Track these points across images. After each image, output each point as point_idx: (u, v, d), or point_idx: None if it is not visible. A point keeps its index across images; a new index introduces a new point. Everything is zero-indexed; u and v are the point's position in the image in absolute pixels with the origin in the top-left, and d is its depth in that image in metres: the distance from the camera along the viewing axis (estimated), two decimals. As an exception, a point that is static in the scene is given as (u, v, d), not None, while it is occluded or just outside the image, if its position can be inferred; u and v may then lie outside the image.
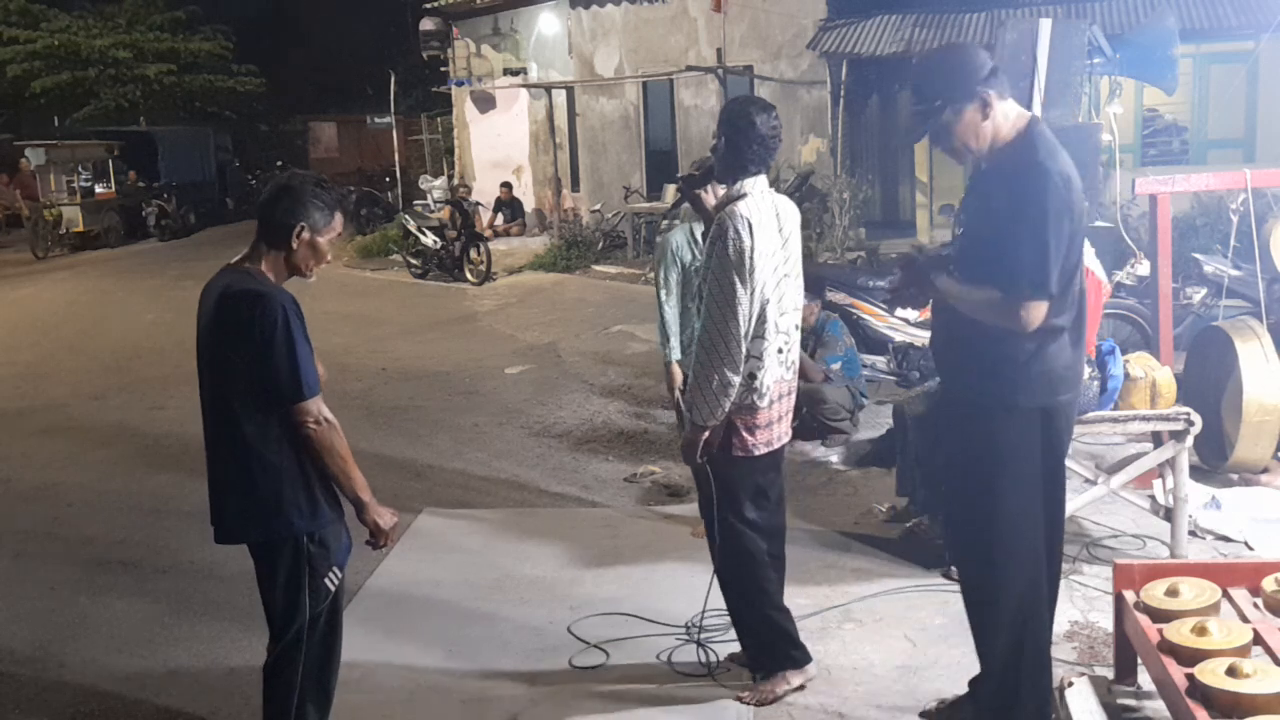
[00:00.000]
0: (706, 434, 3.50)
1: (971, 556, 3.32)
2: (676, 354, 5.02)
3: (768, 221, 3.47)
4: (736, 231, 3.38)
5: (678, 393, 4.90)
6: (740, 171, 3.50)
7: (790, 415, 3.72)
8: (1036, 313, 2.92)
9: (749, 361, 3.47)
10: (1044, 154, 2.97)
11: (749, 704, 3.68)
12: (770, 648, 3.73)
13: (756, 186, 3.50)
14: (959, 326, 3.15)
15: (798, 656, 3.73)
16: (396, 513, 3.24)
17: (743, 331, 3.41)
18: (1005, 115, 3.04)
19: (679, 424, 5.42)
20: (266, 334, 2.88)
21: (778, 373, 3.56)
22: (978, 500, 3.18)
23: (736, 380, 3.44)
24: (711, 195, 3.88)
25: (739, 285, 3.37)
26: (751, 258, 3.38)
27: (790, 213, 3.61)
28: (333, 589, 3.15)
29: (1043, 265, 2.89)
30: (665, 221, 10.97)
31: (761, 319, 3.46)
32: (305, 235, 3.01)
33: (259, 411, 2.95)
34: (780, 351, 3.55)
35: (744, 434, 3.54)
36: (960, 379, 3.25)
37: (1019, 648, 3.19)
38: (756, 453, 3.57)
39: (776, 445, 3.63)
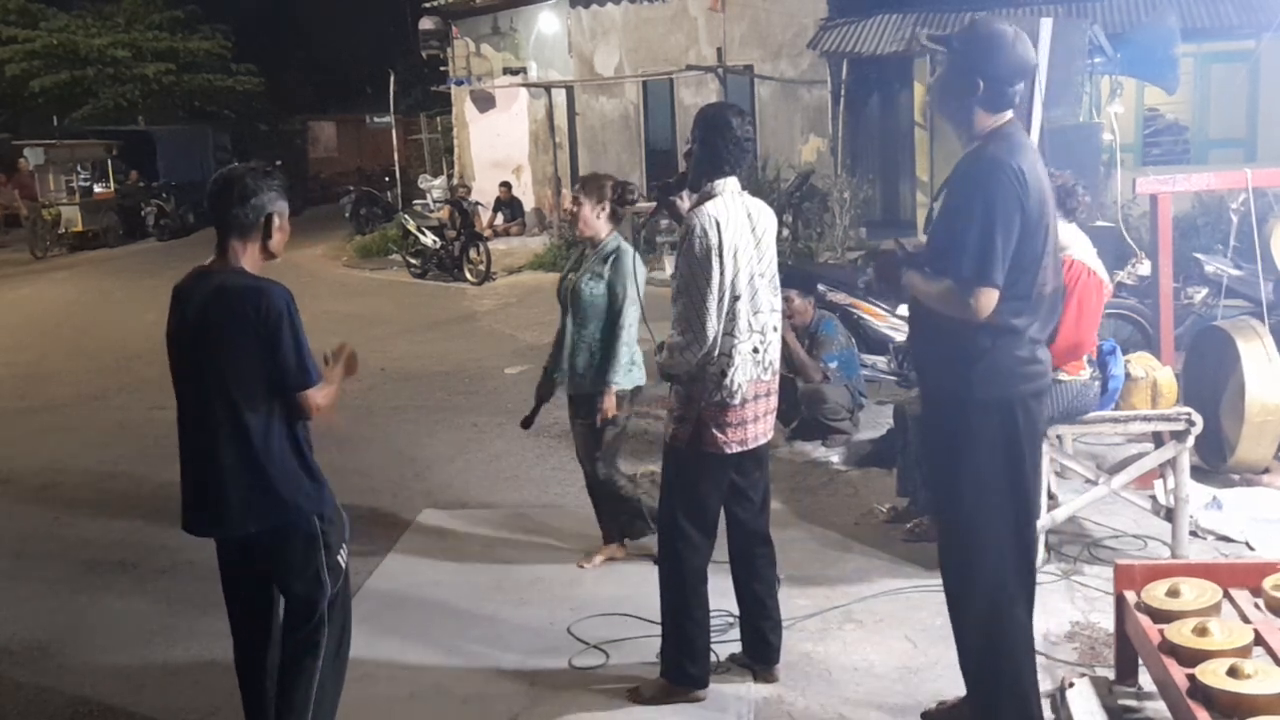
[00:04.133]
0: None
1: (944, 549, 3.32)
2: (618, 376, 4.65)
3: (738, 221, 3.52)
4: (703, 229, 3.45)
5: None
6: (714, 172, 3.57)
7: (771, 416, 3.72)
8: (985, 301, 2.95)
9: (719, 359, 3.50)
10: (1002, 150, 3.03)
11: (628, 698, 3.74)
12: (673, 653, 3.72)
13: (727, 187, 3.57)
14: (927, 322, 3.21)
15: (694, 674, 3.70)
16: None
17: (710, 327, 3.45)
18: (984, 118, 3.08)
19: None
20: (273, 326, 2.97)
21: (753, 373, 3.56)
22: (945, 493, 3.21)
23: (699, 349, 3.46)
24: (686, 201, 3.89)
25: (704, 282, 3.44)
26: (720, 256, 3.44)
27: (765, 215, 3.66)
28: (344, 565, 3.21)
29: (987, 254, 2.94)
30: (664, 223, 10.99)
31: (732, 317, 3.50)
32: (278, 222, 3.12)
33: (262, 402, 3.02)
34: (755, 351, 3.57)
35: (714, 431, 3.54)
36: (927, 373, 3.33)
37: (995, 651, 3.15)
38: (729, 451, 3.58)
39: (752, 445, 3.63)
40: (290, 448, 3.07)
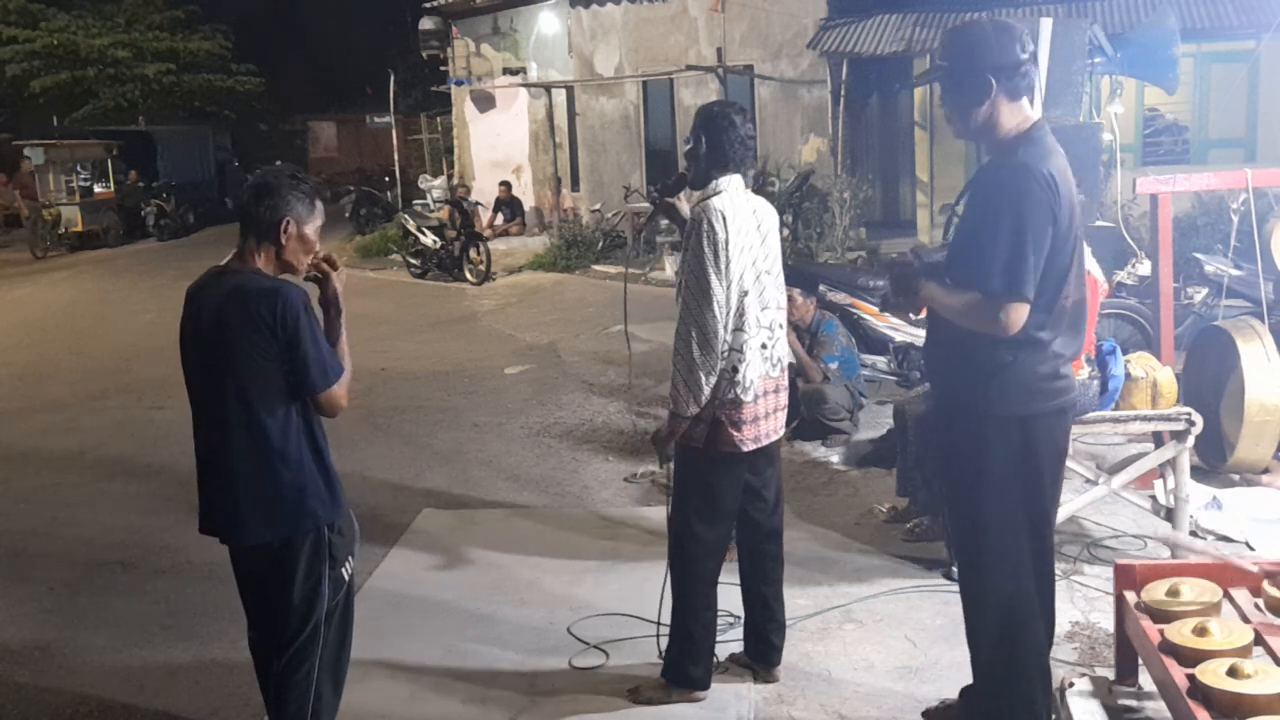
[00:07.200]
0: (684, 426, 3.52)
1: (961, 560, 3.29)
2: None
3: (744, 216, 3.52)
4: (710, 224, 3.44)
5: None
6: (718, 170, 3.57)
7: (782, 413, 3.72)
8: (1015, 315, 2.85)
9: (730, 354, 3.49)
10: (1033, 155, 2.90)
11: (628, 698, 3.74)
12: (676, 654, 3.72)
13: (732, 184, 3.56)
14: (945, 331, 3.11)
15: (696, 676, 3.70)
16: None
17: (720, 323, 3.44)
18: (1010, 113, 2.98)
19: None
20: (291, 328, 2.93)
21: (762, 368, 3.56)
22: (961, 504, 3.15)
23: (714, 371, 3.45)
24: (685, 203, 3.88)
25: (714, 276, 3.42)
26: (726, 249, 3.43)
27: (767, 212, 3.66)
28: (347, 578, 3.17)
29: (1019, 266, 2.83)
30: (664, 222, 10.98)
31: (741, 312, 3.49)
32: (292, 229, 3.02)
33: (280, 404, 2.98)
34: (764, 347, 3.56)
35: (730, 429, 3.53)
36: (943, 383, 3.25)
37: (1008, 657, 3.12)
38: (745, 449, 3.56)
39: (765, 441, 3.63)
40: (310, 450, 3.03)
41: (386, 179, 24.59)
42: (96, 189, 22.10)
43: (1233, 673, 2.71)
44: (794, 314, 6.64)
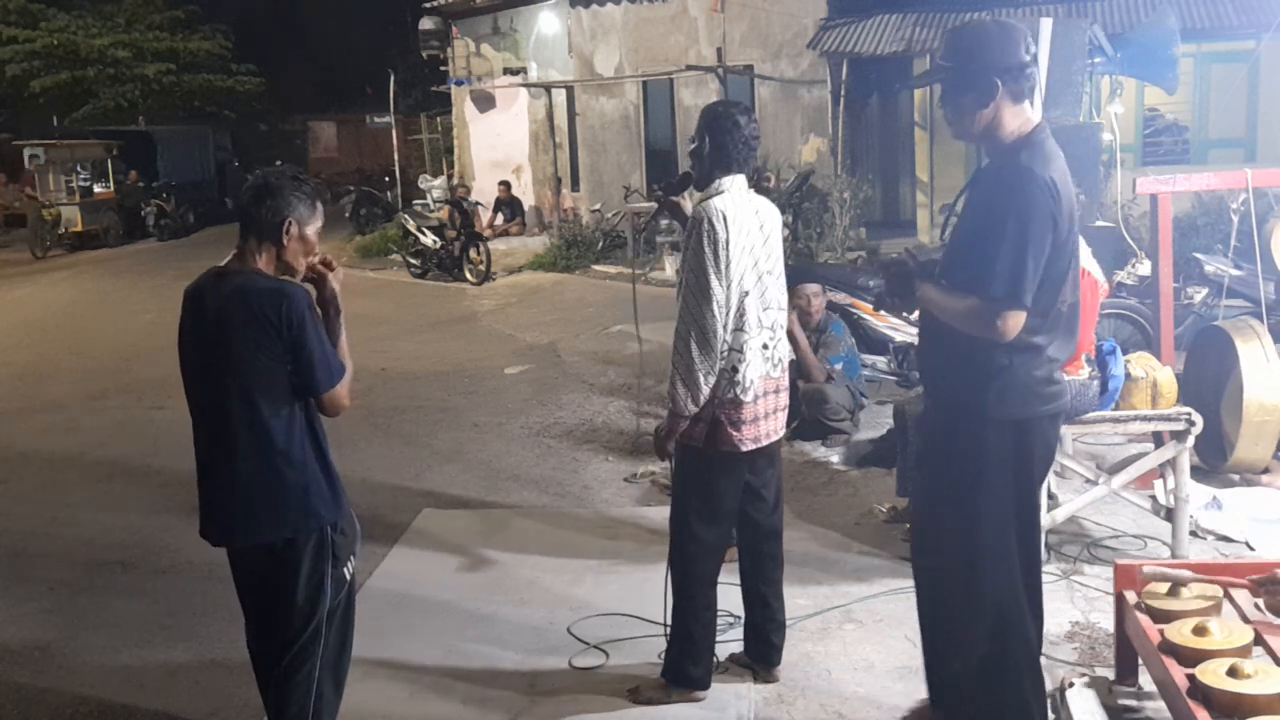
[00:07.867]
0: (684, 424, 3.52)
1: (960, 560, 3.21)
2: None
3: (745, 216, 3.51)
4: (711, 224, 3.44)
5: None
6: (721, 170, 3.56)
7: (782, 413, 3.71)
8: (1013, 323, 2.85)
9: (730, 354, 3.49)
10: (1036, 160, 2.88)
11: (628, 698, 3.73)
12: (676, 654, 3.72)
13: (735, 184, 3.56)
14: (939, 333, 3.10)
15: (696, 676, 3.70)
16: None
17: (720, 322, 3.44)
18: (1013, 116, 2.96)
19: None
20: (296, 330, 2.93)
21: (762, 369, 3.56)
22: (959, 505, 3.12)
23: (713, 370, 3.45)
24: (688, 201, 3.88)
25: (714, 276, 3.42)
26: (727, 249, 3.43)
27: (770, 212, 3.65)
28: (349, 578, 3.17)
29: (1019, 275, 2.81)
30: (664, 222, 10.98)
31: (741, 312, 3.49)
32: (294, 230, 3.02)
33: (284, 404, 2.98)
34: (765, 347, 3.56)
35: (729, 429, 3.53)
36: (936, 386, 3.23)
37: (1001, 658, 3.09)
38: (744, 448, 3.56)
39: (765, 441, 3.63)
40: (313, 450, 3.03)
41: (386, 179, 24.59)
42: (96, 189, 22.12)
43: (1233, 673, 2.71)
44: (809, 309, 6.66)
